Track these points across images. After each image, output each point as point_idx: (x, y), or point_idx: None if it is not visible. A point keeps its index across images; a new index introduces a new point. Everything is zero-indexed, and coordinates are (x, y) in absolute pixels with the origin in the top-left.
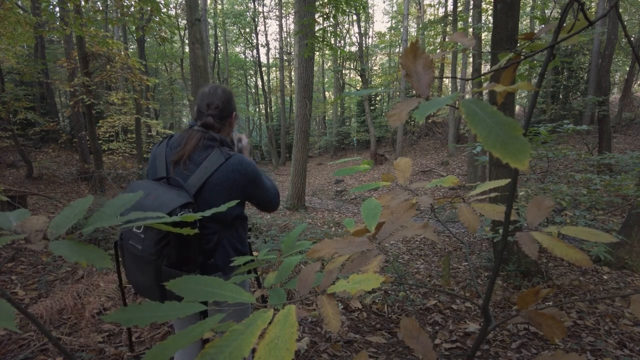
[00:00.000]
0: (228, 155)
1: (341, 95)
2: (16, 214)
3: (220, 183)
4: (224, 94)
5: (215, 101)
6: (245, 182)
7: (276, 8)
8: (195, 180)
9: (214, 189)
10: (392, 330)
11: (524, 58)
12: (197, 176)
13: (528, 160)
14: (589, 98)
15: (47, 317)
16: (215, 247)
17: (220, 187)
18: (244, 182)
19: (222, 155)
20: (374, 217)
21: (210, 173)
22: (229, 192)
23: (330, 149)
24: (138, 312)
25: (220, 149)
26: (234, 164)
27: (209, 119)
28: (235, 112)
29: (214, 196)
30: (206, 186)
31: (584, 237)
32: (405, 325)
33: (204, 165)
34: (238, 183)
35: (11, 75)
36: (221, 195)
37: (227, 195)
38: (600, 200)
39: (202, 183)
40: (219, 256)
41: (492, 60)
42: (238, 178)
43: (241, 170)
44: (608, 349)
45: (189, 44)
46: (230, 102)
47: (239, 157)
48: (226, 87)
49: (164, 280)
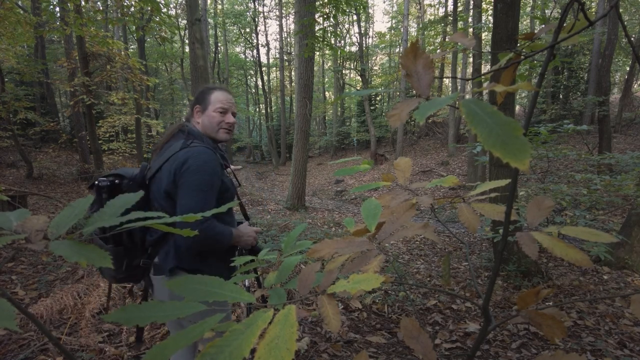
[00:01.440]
0: (186, 145)
1: (341, 95)
2: (16, 214)
3: (167, 170)
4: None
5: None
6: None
7: (276, 8)
8: (154, 165)
9: (162, 175)
10: (392, 330)
11: (524, 58)
12: (157, 161)
13: (528, 160)
14: (589, 98)
15: (47, 317)
16: (160, 241)
17: (164, 175)
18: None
19: (180, 145)
20: (374, 217)
21: (164, 160)
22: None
23: (331, 149)
24: (138, 312)
25: (185, 140)
26: (182, 153)
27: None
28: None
29: (158, 183)
30: (158, 172)
31: (584, 237)
32: (406, 325)
33: (164, 154)
34: (174, 171)
35: (11, 75)
36: (162, 184)
37: (167, 183)
38: (601, 200)
39: (157, 169)
40: (161, 254)
41: (492, 60)
42: (176, 165)
43: (182, 159)
44: (608, 349)
45: (189, 43)
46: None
47: (194, 149)
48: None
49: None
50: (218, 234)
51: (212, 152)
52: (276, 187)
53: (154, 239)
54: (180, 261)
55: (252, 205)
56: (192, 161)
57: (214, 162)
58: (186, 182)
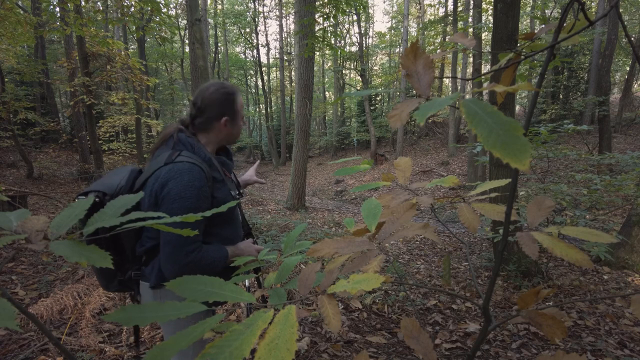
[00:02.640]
0: (170, 160)
1: (342, 95)
2: (17, 214)
3: (149, 187)
4: (214, 94)
5: (198, 101)
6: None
7: (276, 8)
8: (142, 177)
9: (146, 191)
10: (392, 330)
11: (524, 58)
12: (145, 174)
13: (529, 160)
14: (589, 98)
15: (47, 317)
16: (150, 252)
17: (146, 195)
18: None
19: (164, 159)
20: (374, 217)
21: (149, 174)
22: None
23: (331, 149)
24: (138, 312)
25: (172, 151)
26: (163, 172)
27: (187, 118)
28: (226, 117)
29: (145, 197)
30: (144, 187)
31: (584, 237)
32: (406, 325)
33: (151, 165)
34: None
35: (12, 76)
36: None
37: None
38: (601, 200)
39: (143, 182)
40: (150, 265)
41: (493, 60)
42: (156, 187)
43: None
44: (608, 349)
45: (189, 44)
46: (221, 104)
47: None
48: (229, 86)
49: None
50: (208, 265)
51: (198, 169)
52: (276, 187)
53: (145, 248)
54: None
55: (252, 205)
56: (172, 184)
57: (198, 181)
58: (167, 210)
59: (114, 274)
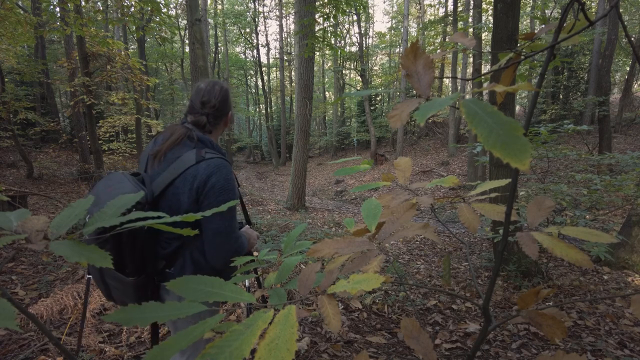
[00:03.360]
0: (201, 157)
1: (342, 95)
2: (17, 214)
3: (182, 186)
4: (222, 92)
5: (212, 100)
6: (201, 188)
7: (276, 8)
8: (161, 180)
9: (177, 192)
10: (392, 331)
11: (524, 58)
12: (164, 176)
13: (529, 160)
14: (589, 98)
15: (47, 317)
16: (175, 254)
17: (182, 191)
18: (200, 189)
19: (193, 157)
20: (374, 217)
21: (176, 175)
22: (189, 198)
23: (331, 149)
24: (139, 312)
25: (197, 150)
26: (201, 168)
27: (202, 118)
28: (231, 112)
29: (176, 199)
30: (170, 188)
31: (584, 237)
32: (406, 325)
33: (173, 166)
34: (197, 189)
35: (12, 76)
36: (182, 201)
37: (189, 202)
38: (601, 200)
39: (167, 184)
40: (177, 266)
41: (493, 60)
42: (198, 184)
43: (203, 176)
44: (608, 349)
45: (189, 44)
46: (227, 100)
47: (213, 162)
48: (224, 83)
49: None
50: (244, 249)
51: (228, 164)
52: (276, 187)
53: (168, 251)
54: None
55: (252, 206)
56: (215, 179)
57: (232, 174)
58: (213, 203)
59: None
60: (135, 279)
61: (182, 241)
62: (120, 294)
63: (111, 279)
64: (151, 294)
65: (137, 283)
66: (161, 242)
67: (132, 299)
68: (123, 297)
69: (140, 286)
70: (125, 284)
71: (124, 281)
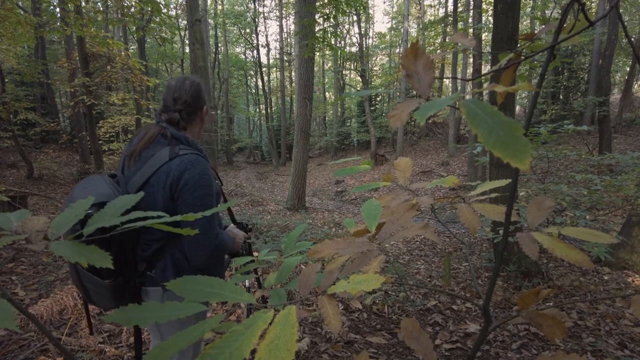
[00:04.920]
0: (174, 154)
1: (342, 96)
2: (17, 215)
3: (157, 184)
4: (193, 87)
5: (183, 95)
6: (175, 185)
7: (276, 9)
8: (136, 179)
9: (152, 190)
10: (392, 331)
11: (524, 58)
12: (139, 175)
13: (529, 160)
14: (589, 98)
15: (47, 317)
16: (156, 256)
17: (157, 189)
18: (174, 185)
19: (167, 155)
20: (374, 218)
21: (151, 173)
22: (164, 196)
23: (331, 149)
24: (139, 312)
25: (171, 147)
26: (174, 165)
27: (175, 115)
28: (205, 107)
29: (152, 198)
30: (146, 186)
31: (584, 237)
32: (406, 325)
33: (147, 164)
34: (170, 186)
35: (12, 76)
36: (157, 200)
37: (164, 200)
38: (601, 200)
39: (142, 183)
40: (158, 268)
41: (493, 60)
42: (171, 180)
43: (176, 172)
44: (609, 350)
45: (189, 44)
46: (200, 95)
47: (187, 158)
48: (195, 78)
49: (83, 281)
50: (226, 246)
51: (204, 159)
52: (276, 188)
53: (148, 253)
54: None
55: (252, 206)
56: (189, 175)
57: (208, 169)
58: (188, 200)
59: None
60: (111, 281)
61: (163, 243)
62: (99, 296)
63: (88, 281)
64: (131, 297)
65: (114, 286)
66: (141, 244)
67: (110, 302)
68: (101, 299)
69: (117, 289)
70: (102, 286)
71: (100, 284)
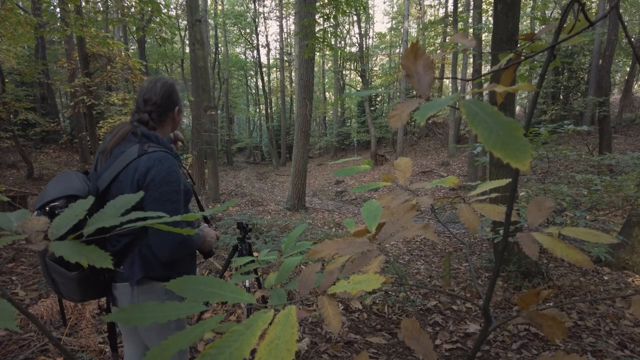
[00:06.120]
0: (143, 151)
1: (342, 96)
2: (17, 215)
3: (126, 180)
4: (163, 89)
5: (153, 97)
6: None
7: (277, 9)
8: (106, 176)
9: (121, 186)
10: (392, 331)
11: (524, 58)
12: (109, 171)
13: (529, 160)
14: (589, 99)
15: (47, 317)
16: (124, 252)
17: (125, 185)
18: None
19: (136, 151)
20: (374, 218)
21: (120, 169)
22: (132, 191)
23: (331, 149)
24: (138, 312)
25: (141, 144)
26: (142, 161)
27: (145, 115)
28: (177, 107)
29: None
30: (115, 183)
31: (584, 238)
32: (406, 326)
33: (117, 161)
34: (137, 182)
35: (12, 76)
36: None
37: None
38: (601, 200)
39: (111, 179)
40: (127, 263)
41: (493, 60)
42: (138, 176)
43: (143, 168)
44: (609, 350)
45: (190, 44)
46: (171, 96)
47: (155, 155)
48: (168, 79)
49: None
50: (192, 242)
51: (172, 157)
52: (276, 188)
53: (117, 249)
54: (148, 270)
55: (252, 206)
56: (155, 171)
57: (175, 167)
58: (154, 195)
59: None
60: (77, 273)
61: (132, 238)
62: (66, 289)
63: (55, 273)
64: (100, 291)
65: (80, 278)
66: (111, 239)
67: (78, 294)
68: (69, 292)
69: (83, 281)
70: (68, 278)
71: (67, 275)
